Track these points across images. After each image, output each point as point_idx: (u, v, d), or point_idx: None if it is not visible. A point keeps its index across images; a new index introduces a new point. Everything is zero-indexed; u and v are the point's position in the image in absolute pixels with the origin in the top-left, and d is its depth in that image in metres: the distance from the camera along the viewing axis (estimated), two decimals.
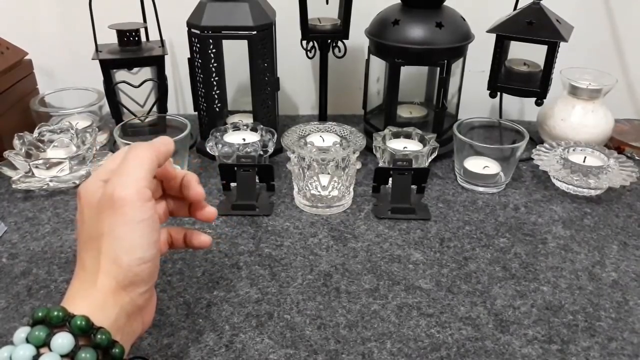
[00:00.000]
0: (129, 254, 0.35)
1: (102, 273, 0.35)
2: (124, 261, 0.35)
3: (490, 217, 0.66)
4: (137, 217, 0.35)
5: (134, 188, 0.36)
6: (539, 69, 0.76)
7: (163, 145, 0.40)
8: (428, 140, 0.69)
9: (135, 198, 0.35)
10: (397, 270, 0.57)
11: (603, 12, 0.89)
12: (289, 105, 0.97)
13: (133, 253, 0.35)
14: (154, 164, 0.38)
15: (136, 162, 0.37)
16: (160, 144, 0.40)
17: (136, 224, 0.35)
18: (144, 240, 0.36)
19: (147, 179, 0.37)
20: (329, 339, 0.48)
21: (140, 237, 0.35)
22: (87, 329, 0.32)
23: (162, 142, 0.40)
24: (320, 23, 0.80)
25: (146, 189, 0.36)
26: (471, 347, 0.47)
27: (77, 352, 0.31)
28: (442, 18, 0.72)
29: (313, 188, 0.65)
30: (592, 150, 0.74)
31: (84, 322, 0.32)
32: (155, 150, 0.39)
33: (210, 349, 0.46)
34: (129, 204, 0.35)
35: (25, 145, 0.70)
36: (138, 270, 0.35)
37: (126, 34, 0.76)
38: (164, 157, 0.40)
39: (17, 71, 0.81)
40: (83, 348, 0.31)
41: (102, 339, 0.32)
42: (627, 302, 0.53)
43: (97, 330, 0.32)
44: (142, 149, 0.38)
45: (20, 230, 0.62)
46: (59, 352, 0.31)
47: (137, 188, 0.36)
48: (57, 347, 0.31)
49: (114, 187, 0.35)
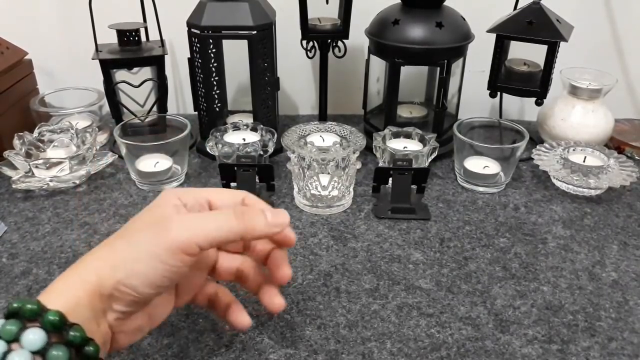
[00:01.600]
0: (127, 274, 0.33)
1: (93, 270, 0.34)
2: (118, 274, 0.33)
3: (490, 217, 0.66)
4: (165, 259, 0.34)
5: (186, 236, 0.34)
6: (539, 69, 0.76)
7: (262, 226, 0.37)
8: (428, 140, 0.69)
9: (177, 245, 0.33)
10: (397, 270, 0.57)
11: (603, 12, 0.89)
12: (289, 105, 0.97)
13: (131, 277, 0.34)
14: (232, 237, 0.36)
15: (216, 220, 0.35)
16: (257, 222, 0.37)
17: (159, 262, 0.34)
18: (149, 276, 0.34)
19: (206, 241, 0.34)
20: (329, 339, 0.48)
21: (149, 270, 0.34)
22: (60, 325, 0.30)
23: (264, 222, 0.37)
24: (320, 23, 0.80)
25: (196, 245, 0.34)
26: (471, 347, 0.47)
27: (48, 350, 0.29)
28: (442, 18, 0.72)
29: (313, 188, 0.65)
30: (592, 150, 0.74)
31: (57, 318, 0.30)
32: (245, 228, 0.36)
33: (211, 349, 0.46)
34: (170, 243, 0.33)
35: (25, 145, 0.70)
36: (124, 290, 0.34)
37: (126, 33, 0.76)
38: (257, 237, 0.37)
39: (17, 71, 0.81)
40: (55, 345, 0.30)
41: (75, 336, 0.30)
42: (627, 302, 0.53)
43: (71, 326, 0.31)
44: (236, 216, 0.36)
45: (20, 230, 0.62)
46: (29, 349, 0.29)
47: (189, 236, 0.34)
48: (28, 344, 0.29)
49: (178, 221, 0.34)
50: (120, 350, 0.39)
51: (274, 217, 0.38)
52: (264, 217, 0.37)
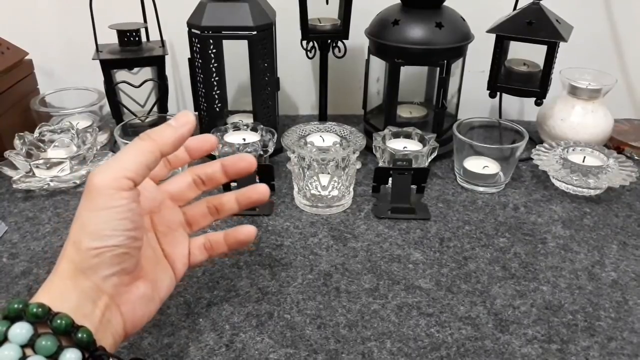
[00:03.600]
0: (89, 238, 0.34)
1: (64, 258, 0.35)
2: (83, 244, 0.34)
3: (490, 216, 0.66)
4: (104, 204, 0.34)
5: (110, 176, 0.35)
6: (538, 69, 0.76)
7: (171, 131, 0.38)
8: (428, 140, 0.69)
9: (107, 185, 0.34)
10: (397, 270, 0.57)
11: (603, 13, 0.89)
12: (289, 105, 0.97)
13: (93, 238, 0.34)
14: (152, 156, 0.37)
15: (130, 151, 0.36)
16: (169, 129, 0.38)
17: (101, 210, 0.34)
18: (107, 226, 0.35)
19: (131, 170, 0.35)
20: (329, 339, 0.48)
21: (104, 222, 0.34)
22: (43, 315, 0.31)
23: (173, 127, 0.38)
24: (320, 23, 0.80)
25: (125, 178, 0.35)
26: (471, 346, 0.47)
27: (35, 340, 0.30)
28: (442, 18, 0.72)
29: (313, 188, 0.65)
30: (591, 150, 0.74)
31: (40, 310, 0.31)
32: (157, 142, 0.37)
33: (211, 349, 0.47)
34: (96, 190, 0.35)
35: (26, 145, 0.71)
36: (97, 252, 0.34)
37: (126, 34, 0.77)
38: (173, 145, 0.38)
39: (18, 71, 0.81)
40: (42, 335, 0.30)
41: (60, 323, 0.31)
42: (627, 302, 0.53)
43: (55, 315, 0.31)
44: (143, 139, 0.37)
45: (21, 230, 0.63)
46: (17, 343, 0.30)
47: (114, 176, 0.35)
48: (14, 338, 0.30)
49: (93, 173, 0.35)
50: (141, 328, 0.39)
51: (177, 120, 0.39)
52: (168, 125, 0.38)
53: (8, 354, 0.30)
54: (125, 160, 0.36)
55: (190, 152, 0.44)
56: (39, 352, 0.30)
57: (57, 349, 0.30)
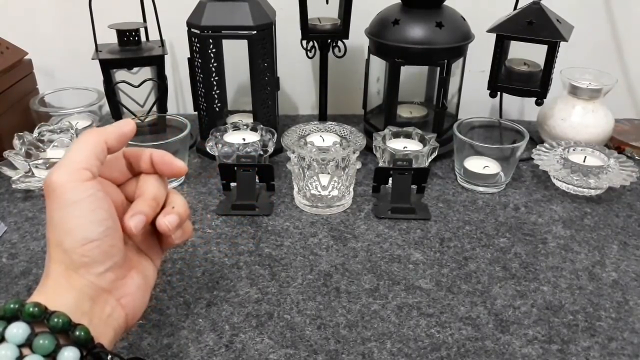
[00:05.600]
0: (69, 237, 0.34)
1: (52, 260, 0.35)
2: (66, 244, 0.34)
3: (490, 217, 0.66)
4: (71, 198, 0.35)
5: (66, 171, 0.35)
6: (539, 69, 0.76)
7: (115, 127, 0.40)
8: (428, 140, 0.69)
9: (66, 180, 0.35)
10: (397, 270, 0.57)
11: (603, 12, 0.89)
12: (289, 105, 0.97)
13: (74, 235, 0.34)
14: (99, 147, 0.37)
15: (77, 146, 0.37)
16: (111, 126, 0.40)
17: (70, 205, 0.35)
18: (83, 220, 0.35)
19: (84, 162, 0.36)
20: (329, 339, 0.48)
21: (78, 217, 0.35)
22: (40, 314, 0.31)
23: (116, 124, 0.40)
24: (320, 23, 0.80)
25: (82, 170, 0.35)
26: (471, 347, 0.47)
27: (33, 340, 0.30)
28: (442, 18, 0.72)
29: (313, 188, 0.65)
30: (592, 150, 0.74)
31: (36, 309, 0.31)
32: (101, 133, 0.38)
33: (210, 349, 0.46)
34: (60, 187, 0.35)
35: (25, 145, 0.70)
36: (84, 251, 0.34)
37: (126, 33, 0.76)
38: (117, 139, 0.39)
39: (17, 71, 0.81)
40: (40, 334, 0.30)
41: (57, 322, 0.31)
42: (627, 302, 0.53)
43: (51, 314, 0.31)
44: (87, 133, 0.38)
45: (20, 230, 0.62)
46: (14, 342, 0.30)
47: (70, 171, 0.35)
48: (12, 338, 0.30)
49: (49, 175, 0.35)
50: (140, 319, 0.40)
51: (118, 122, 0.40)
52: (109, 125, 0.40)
53: (5, 354, 0.29)
54: (74, 155, 0.36)
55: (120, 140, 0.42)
56: (37, 351, 0.30)
57: (55, 348, 0.30)
